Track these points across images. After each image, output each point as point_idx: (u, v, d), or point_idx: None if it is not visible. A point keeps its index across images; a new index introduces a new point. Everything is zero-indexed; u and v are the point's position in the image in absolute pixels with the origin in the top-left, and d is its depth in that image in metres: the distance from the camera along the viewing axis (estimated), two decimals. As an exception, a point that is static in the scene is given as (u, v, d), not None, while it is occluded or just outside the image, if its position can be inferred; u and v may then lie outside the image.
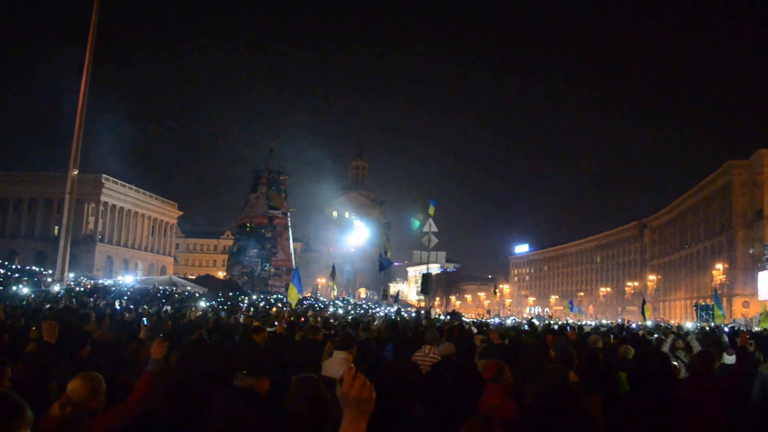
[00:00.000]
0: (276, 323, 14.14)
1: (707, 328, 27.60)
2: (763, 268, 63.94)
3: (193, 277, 59.33)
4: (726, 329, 24.75)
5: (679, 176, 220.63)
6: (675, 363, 10.35)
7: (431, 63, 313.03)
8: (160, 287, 42.13)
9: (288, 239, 61.09)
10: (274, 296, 44.87)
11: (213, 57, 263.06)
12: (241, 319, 17.38)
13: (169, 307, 25.85)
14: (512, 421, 4.96)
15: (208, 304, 30.71)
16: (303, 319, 19.45)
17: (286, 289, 32.72)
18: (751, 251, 78.03)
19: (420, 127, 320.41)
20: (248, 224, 59.17)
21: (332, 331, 12.31)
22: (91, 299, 27.26)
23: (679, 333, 13.51)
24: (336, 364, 7.28)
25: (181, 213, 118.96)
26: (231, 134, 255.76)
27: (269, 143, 64.05)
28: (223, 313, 22.54)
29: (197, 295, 37.50)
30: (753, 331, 28.08)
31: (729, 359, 10.04)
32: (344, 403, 2.39)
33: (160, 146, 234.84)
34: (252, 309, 28.94)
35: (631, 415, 5.68)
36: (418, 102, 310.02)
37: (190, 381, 5.78)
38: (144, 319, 10.92)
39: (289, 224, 62.21)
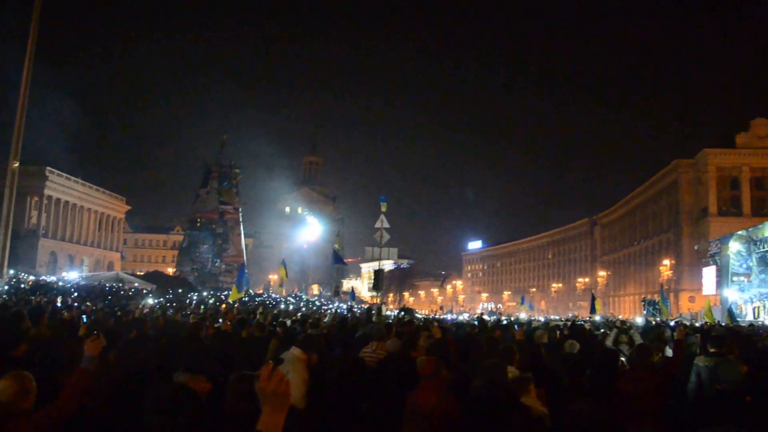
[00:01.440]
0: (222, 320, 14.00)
1: (653, 323, 28.22)
2: (707, 264, 65.60)
3: (142, 274, 58.36)
4: (672, 324, 25.40)
5: (629, 174, 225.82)
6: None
7: (383, 59, 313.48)
8: (107, 284, 41.34)
9: (239, 235, 60.41)
10: (225, 293, 44.38)
11: (163, 51, 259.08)
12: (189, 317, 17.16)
13: (104, 304, 25.32)
14: (451, 418, 4.96)
15: (156, 301, 30.24)
16: (252, 316, 19.27)
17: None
18: (696, 247, 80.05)
19: (374, 124, 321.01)
20: (199, 219, 58.34)
21: (277, 328, 12.21)
22: (33, 297, 26.53)
23: (622, 328, 13.80)
24: (287, 361, 7.19)
25: (129, 207, 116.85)
26: (181, 128, 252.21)
27: (220, 137, 63.37)
28: (170, 311, 22.21)
29: (145, 291, 36.89)
30: (695, 325, 28.82)
31: (671, 352, 10.30)
32: (262, 397, 2.40)
33: (108, 140, 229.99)
34: (201, 306, 28.58)
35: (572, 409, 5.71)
36: (371, 99, 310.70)
37: (128, 379, 5.65)
38: (83, 316, 10.67)
39: (241, 219, 61.52)
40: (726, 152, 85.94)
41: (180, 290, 41.00)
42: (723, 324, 30.70)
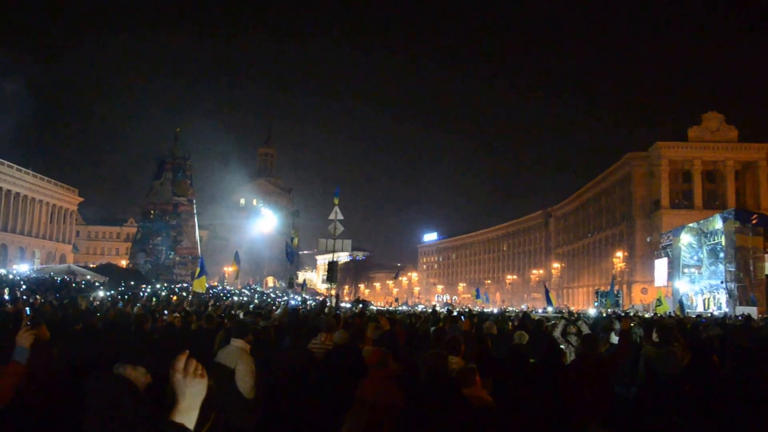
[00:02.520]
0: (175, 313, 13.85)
1: (603, 314, 28.72)
2: (659, 256, 66.90)
3: (95, 266, 57.28)
4: (623, 314, 25.93)
5: (584, 167, 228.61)
6: (563, 346, 10.75)
7: (335, 52, 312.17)
8: (58, 276, 40.54)
9: (193, 227, 59.76)
10: (179, 285, 43.88)
11: (115, 42, 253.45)
12: (136, 309, 16.91)
13: (55, 297, 24.83)
14: (396, 408, 5.00)
15: (107, 293, 29.74)
16: (204, 308, 19.11)
17: (192, 278, 32.05)
18: (648, 240, 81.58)
19: (328, 115, 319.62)
20: (152, 211, 57.48)
21: (226, 320, 12.15)
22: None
23: (570, 318, 14.05)
24: (231, 352, 7.18)
25: (81, 199, 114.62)
26: (134, 120, 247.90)
27: (174, 130, 62.54)
28: (121, 304, 21.85)
29: (97, 284, 36.27)
30: (645, 316, 29.45)
31: (616, 339, 10.53)
32: (176, 388, 2.37)
33: (60, 131, 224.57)
34: (153, 298, 28.21)
35: (517, 399, 5.81)
36: (325, 91, 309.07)
37: (71, 372, 5.57)
38: (27, 308, 10.45)
39: (195, 211, 60.88)
40: (678, 145, 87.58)
41: (133, 282, 40.39)
42: (673, 314, 31.44)
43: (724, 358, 9.42)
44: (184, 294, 32.19)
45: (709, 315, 33.70)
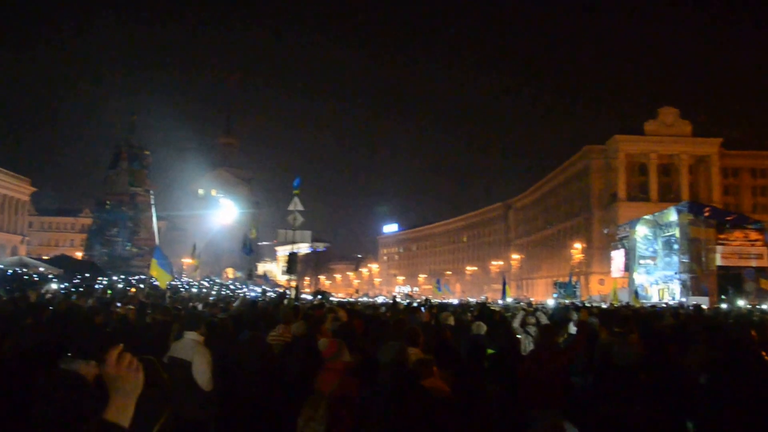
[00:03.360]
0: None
1: (562, 305, 29.06)
2: (616, 248, 67.98)
3: (48, 258, 55.99)
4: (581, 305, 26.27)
5: (543, 159, 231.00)
6: (521, 337, 10.83)
7: (295, 43, 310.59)
8: (8, 269, 39.51)
9: (151, 217, 58.17)
10: (136, 277, 43.11)
11: (70, 29, 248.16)
12: (89, 302, 16.56)
13: (4, 290, 24.18)
14: (354, 400, 4.96)
15: (61, 286, 29.07)
16: (159, 300, 18.80)
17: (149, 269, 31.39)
18: (606, 231, 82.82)
19: (288, 106, 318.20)
20: (108, 202, 56.26)
21: (181, 312, 11.96)
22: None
23: (529, 309, 14.22)
24: (185, 344, 7.06)
25: (34, 189, 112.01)
26: (90, 107, 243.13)
27: (130, 117, 61.31)
28: (74, 296, 21.35)
29: (50, 276, 35.43)
30: (601, 307, 29.87)
31: (574, 330, 10.64)
32: (109, 384, 2.26)
33: (10, 118, 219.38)
34: (108, 291, 27.67)
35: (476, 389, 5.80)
36: (286, 82, 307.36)
37: (21, 366, 5.40)
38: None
39: (153, 202, 59.78)
40: (635, 139, 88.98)
41: (88, 275, 39.52)
42: (628, 305, 31.94)
43: (678, 347, 9.62)
44: (142, 286, 31.64)
45: (664, 305, 34.33)
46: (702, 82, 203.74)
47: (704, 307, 30.57)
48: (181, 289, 35.65)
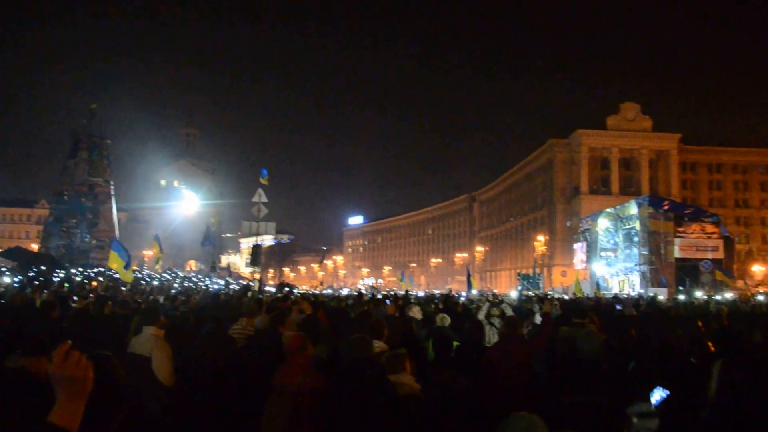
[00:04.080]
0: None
1: (525, 297, 29.27)
2: (578, 240, 68.84)
3: (2, 250, 54.70)
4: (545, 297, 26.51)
5: (508, 152, 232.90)
6: (486, 328, 10.83)
7: (257, 31, 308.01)
8: (-41, 263, 38.46)
9: (111, 209, 57.59)
10: (95, 270, 42.33)
11: (27, 16, 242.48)
12: (44, 295, 16.10)
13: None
14: (317, 394, 4.86)
15: (15, 279, 28.35)
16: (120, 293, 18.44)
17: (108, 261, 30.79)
18: (568, 224, 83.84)
19: (252, 98, 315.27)
20: (66, 192, 55.10)
21: (142, 305, 11.72)
22: None
23: (494, 301, 14.25)
24: (144, 339, 6.88)
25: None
26: (48, 96, 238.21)
27: (89, 106, 60.02)
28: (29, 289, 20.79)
29: (3, 269, 34.61)
30: (564, 298, 30.21)
31: (539, 320, 10.69)
32: (56, 384, 2.12)
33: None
34: (66, 284, 27.06)
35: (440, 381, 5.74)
36: (250, 73, 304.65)
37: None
38: None
39: (113, 193, 58.79)
40: (598, 133, 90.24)
41: (44, 267, 38.69)
42: (589, 296, 32.35)
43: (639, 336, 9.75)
44: (101, 279, 31.08)
45: (625, 296, 34.86)
46: (663, 79, 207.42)
47: (662, 298, 31.11)
48: (142, 282, 35.07)
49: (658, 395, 3.79)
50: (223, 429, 6.79)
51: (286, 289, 32.01)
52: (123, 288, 23.10)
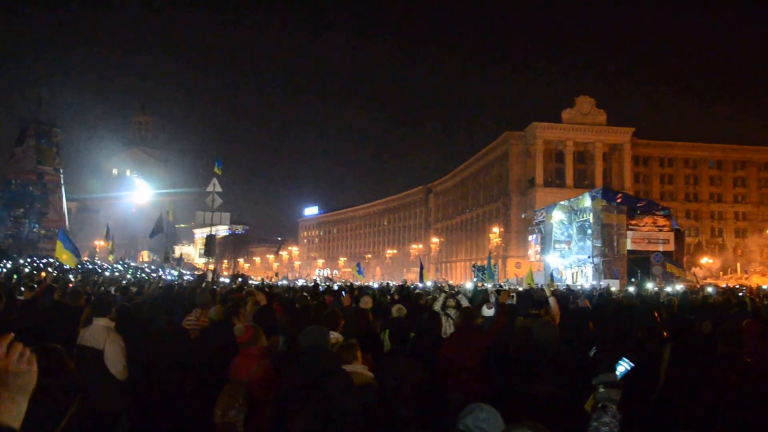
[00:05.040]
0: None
1: (480, 288, 29.46)
2: (533, 232, 69.65)
3: (-57, 241, 53.09)
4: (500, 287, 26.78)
5: (464, 144, 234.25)
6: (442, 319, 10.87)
7: (211, 21, 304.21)
8: None
9: (61, 198, 56.43)
10: (44, 260, 41.37)
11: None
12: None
13: None
14: (269, 386, 4.83)
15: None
16: (71, 285, 18.01)
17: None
18: (523, 216, 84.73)
19: (206, 87, 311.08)
20: (14, 181, 53.77)
21: (92, 297, 11.45)
22: None
23: (450, 292, 14.28)
24: (95, 332, 6.72)
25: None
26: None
27: (37, 92, 58.65)
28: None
29: (-53, 260, 33.65)
30: (519, 289, 30.50)
31: (488, 312, 10.72)
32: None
33: None
34: (14, 275, 26.39)
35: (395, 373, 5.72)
36: (203, 60, 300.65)
37: None
38: None
39: (62, 181, 57.55)
40: (553, 126, 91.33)
41: (-10, 258, 37.65)
42: (542, 287, 32.69)
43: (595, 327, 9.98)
44: (50, 270, 30.36)
45: (579, 288, 35.38)
46: (617, 73, 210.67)
47: (614, 289, 31.65)
48: (94, 273, 34.39)
49: (622, 367, 3.85)
50: (177, 421, 6.70)
51: (240, 279, 31.74)
52: (72, 279, 22.67)
